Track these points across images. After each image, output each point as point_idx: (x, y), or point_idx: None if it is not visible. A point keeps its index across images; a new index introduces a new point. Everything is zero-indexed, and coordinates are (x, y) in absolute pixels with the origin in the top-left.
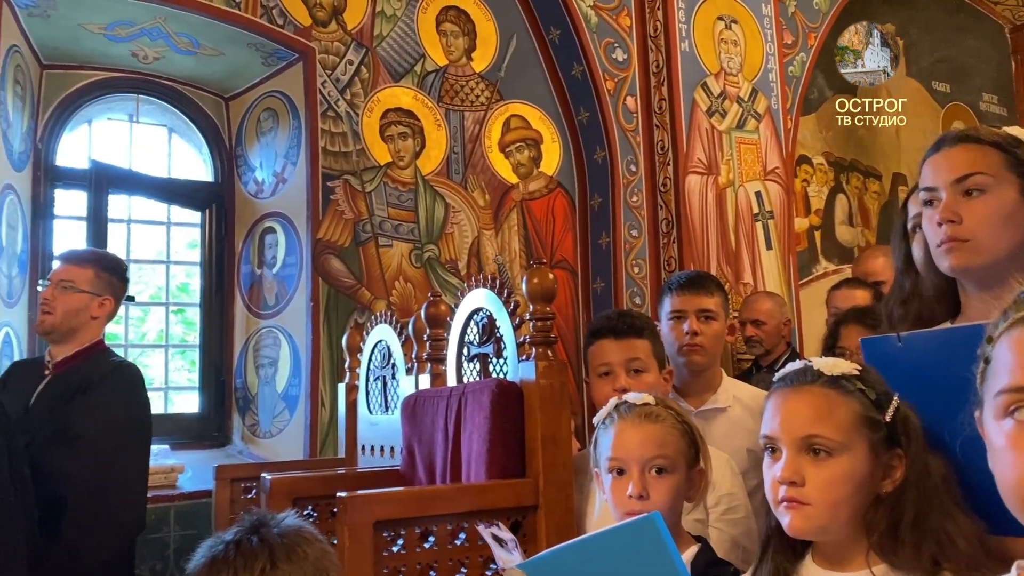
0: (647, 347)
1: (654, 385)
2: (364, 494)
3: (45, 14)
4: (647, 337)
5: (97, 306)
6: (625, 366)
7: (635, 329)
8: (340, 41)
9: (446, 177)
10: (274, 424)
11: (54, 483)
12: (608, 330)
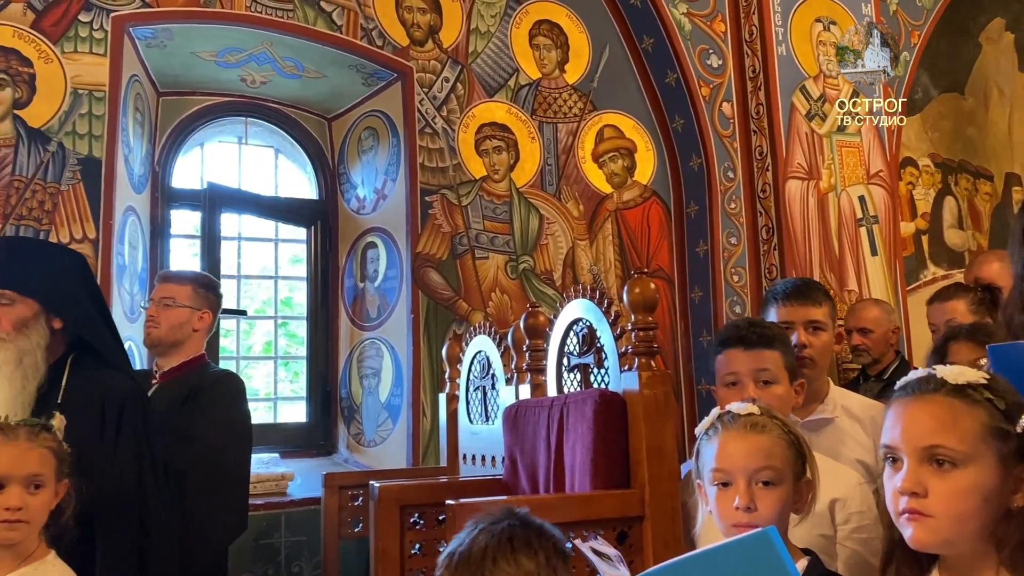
0: (777, 358)
1: (783, 397)
2: (472, 501)
3: (162, 44)
4: (778, 348)
5: (197, 319)
6: (753, 376)
7: (765, 339)
8: (436, 59)
9: (540, 189)
10: (378, 433)
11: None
12: (737, 339)
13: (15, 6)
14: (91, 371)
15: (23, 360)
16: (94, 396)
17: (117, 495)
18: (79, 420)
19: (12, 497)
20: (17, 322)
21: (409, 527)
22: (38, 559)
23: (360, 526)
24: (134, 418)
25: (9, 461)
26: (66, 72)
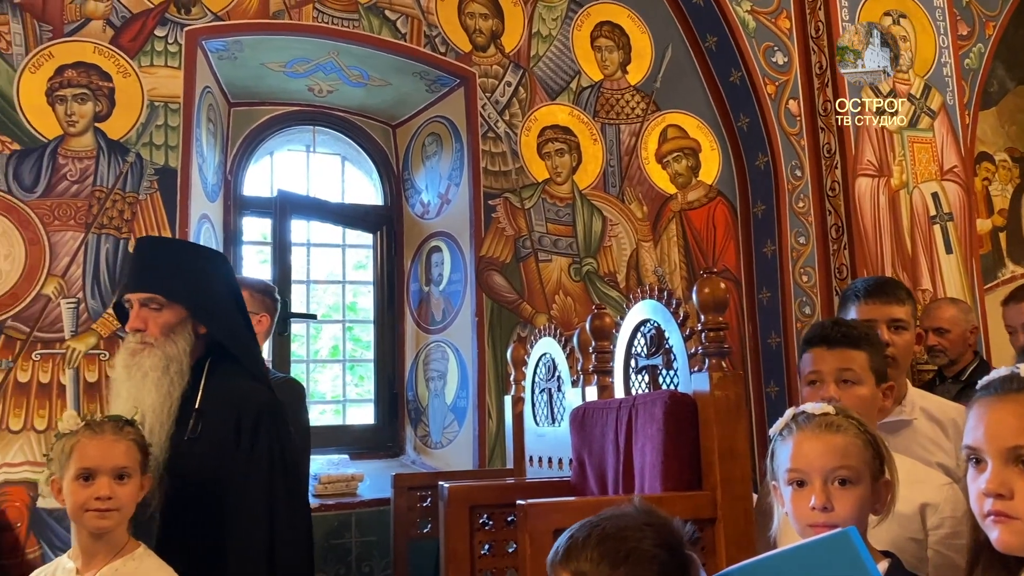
0: (863, 359)
1: (867, 399)
2: (543, 502)
3: (233, 56)
4: (864, 348)
5: (256, 323)
6: (836, 376)
7: (850, 339)
8: (499, 64)
9: (603, 190)
10: (444, 435)
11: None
12: (820, 338)
13: (95, 23)
14: (229, 378)
15: (169, 367)
16: (231, 405)
17: (250, 504)
18: (216, 427)
19: (102, 487)
20: (165, 328)
21: (478, 527)
22: (129, 552)
23: (429, 527)
24: (269, 429)
25: (97, 454)
26: (143, 85)
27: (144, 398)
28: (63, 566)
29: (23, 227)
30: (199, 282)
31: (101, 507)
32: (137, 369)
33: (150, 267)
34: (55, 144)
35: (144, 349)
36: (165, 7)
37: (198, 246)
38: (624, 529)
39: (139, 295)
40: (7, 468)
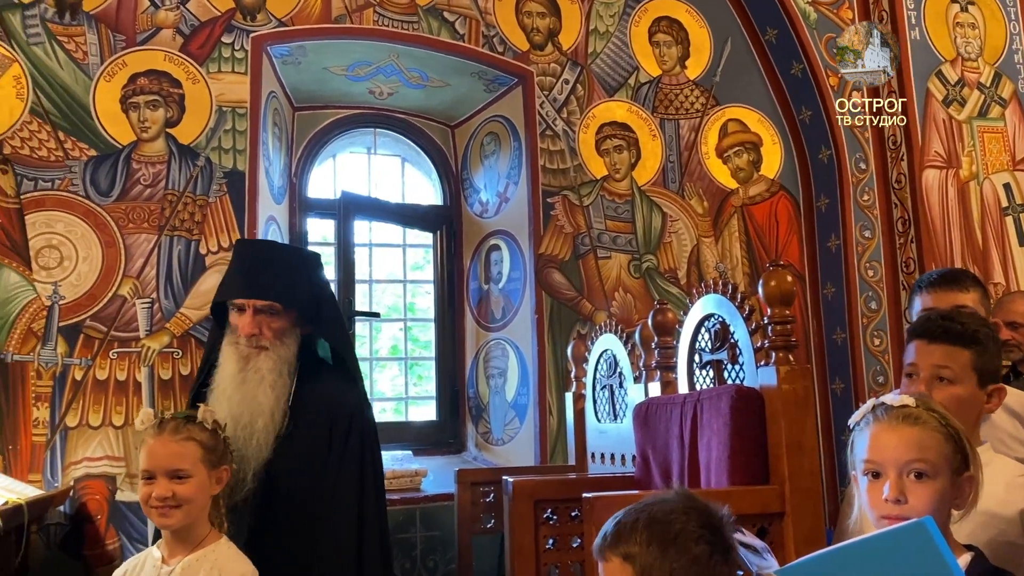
0: (965, 358)
1: (962, 399)
2: (609, 495)
3: (297, 61)
4: (970, 347)
5: None
6: (932, 372)
7: (951, 335)
8: (556, 62)
9: (662, 186)
10: (505, 432)
11: None
12: (922, 331)
13: (165, 32)
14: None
15: (283, 369)
16: (325, 407)
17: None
18: (308, 428)
19: (159, 488)
20: (278, 332)
21: (543, 522)
22: (210, 543)
23: (492, 522)
24: (361, 432)
25: (155, 456)
26: (211, 91)
27: (260, 400)
28: (152, 555)
29: (100, 230)
30: (309, 288)
31: (159, 506)
32: (254, 372)
33: (265, 273)
34: (129, 150)
35: (259, 353)
36: (232, 14)
37: (302, 250)
38: (670, 513)
39: (257, 302)
40: (87, 463)
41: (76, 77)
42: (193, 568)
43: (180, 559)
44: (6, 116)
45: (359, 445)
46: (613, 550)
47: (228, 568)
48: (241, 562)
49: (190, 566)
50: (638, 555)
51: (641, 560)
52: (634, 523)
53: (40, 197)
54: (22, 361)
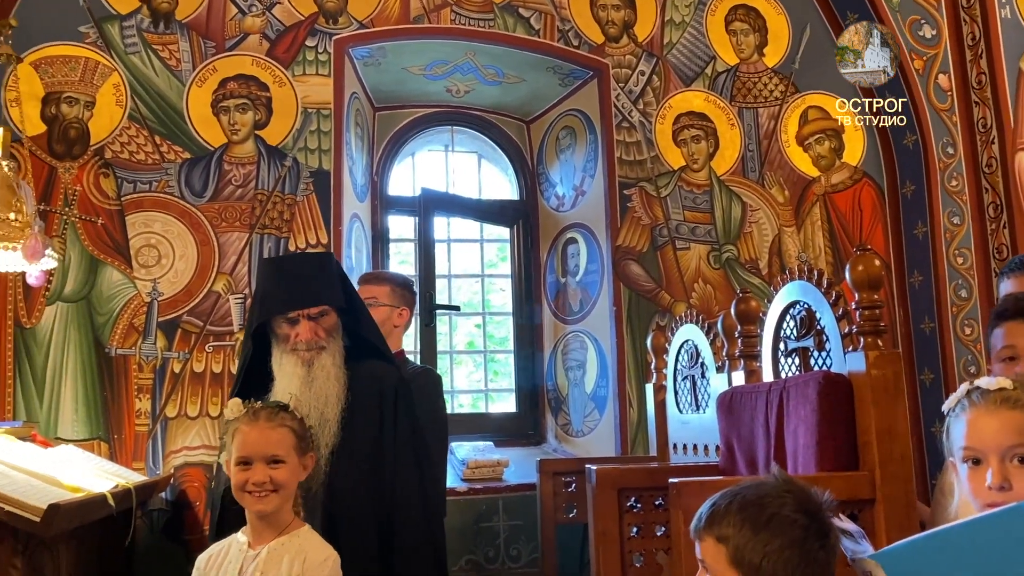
0: None
1: None
2: (696, 480)
3: (377, 62)
4: None
5: (397, 316)
6: None
7: None
8: (632, 54)
9: (742, 176)
10: (585, 423)
11: None
12: (1015, 311)
13: (252, 37)
14: (361, 360)
15: (340, 361)
16: (370, 387)
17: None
18: (360, 409)
19: (257, 473)
20: (329, 330)
21: (627, 510)
22: (294, 530)
23: (575, 512)
24: (406, 404)
25: (252, 442)
26: (297, 93)
27: (329, 392)
28: (237, 540)
29: (195, 229)
30: (340, 284)
31: (257, 491)
32: (320, 370)
33: (306, 283)
34: (220, 152)
35: (320, 353)
36: (315, 18)
37: (320, 254)
38: (765, 496)
39: (311, 310)
40: (186, 451)
41: (170, 83)
42: (278, 553)
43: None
44: (107, 122)
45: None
46: (708, 531)
47: (312, 553)
48: (323, 547)
49: (275, 551)
50: (731, 537)
51: (734, 541)
52: (728, 505)
53: (139, 199)
54: (125, 355)
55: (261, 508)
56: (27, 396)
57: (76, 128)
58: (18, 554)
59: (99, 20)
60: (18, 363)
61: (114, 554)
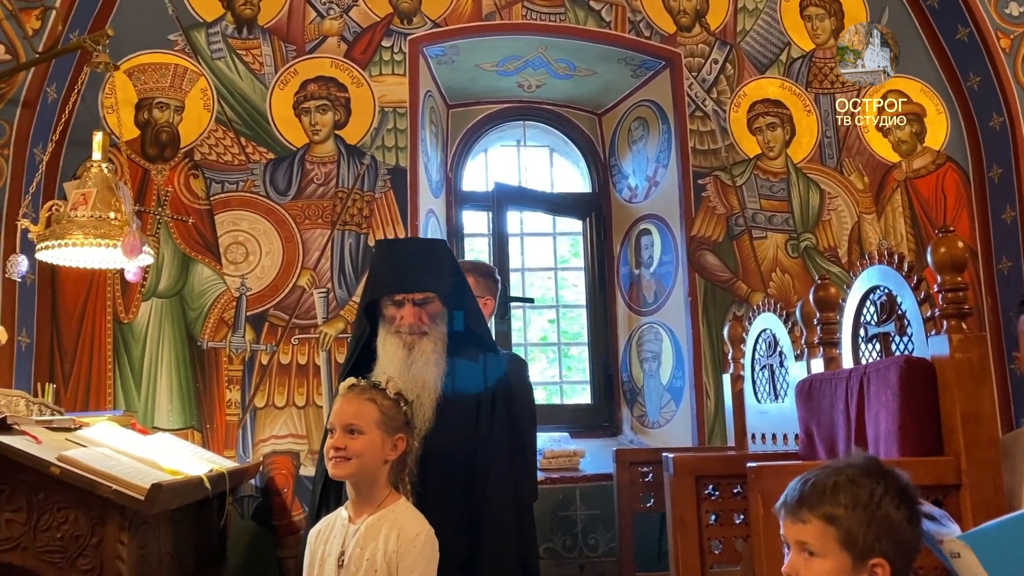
0: None
1: None
2: (775, 465)
3: (451, 61)
4: None
5: (482, 306)
6: None
7: None
8: (704, 42)
9: (819, 163)
10: (661, 415)
11: None
12: None
13: (331, 40)
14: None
15: (441, 348)
16: (472, 378)
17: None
18: (459, 397)
19: (335, 439)
20: (433, 316)
21: (704, 497)
22: (390, 504)
23: (651, 501)
24: (508, 398)
25: (336, 412)
26: (374, 93)
27: (427, 377)
28: (340, 515)
29: (280, 227)
30: (451, 274)
31: (335, 456)
32: (420, 355)
33: (417, 268)
34: (302, 151)
35: (422, 338)
36: (390, 19)
37: (435, 240)
38: (866, 476)
39: (416, 295)
40: (274, 440)
41: (254, 87)
42: (376, 526)
43: (364, 518)
44: (195, 126)
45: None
46: (813, 511)
47: (406, 526)
48: (418, 520)
49: (372, 525)
50: (843, 517)
51: (846, 523)
52: (834, 485)
53: (227, 198)
54: (216, 347)
55: (336, 473)
56: (126, 387)
57: (167, 132)
58: (125, 530)
59: (187, 28)
60: (117, 356)
61: (209, 537)
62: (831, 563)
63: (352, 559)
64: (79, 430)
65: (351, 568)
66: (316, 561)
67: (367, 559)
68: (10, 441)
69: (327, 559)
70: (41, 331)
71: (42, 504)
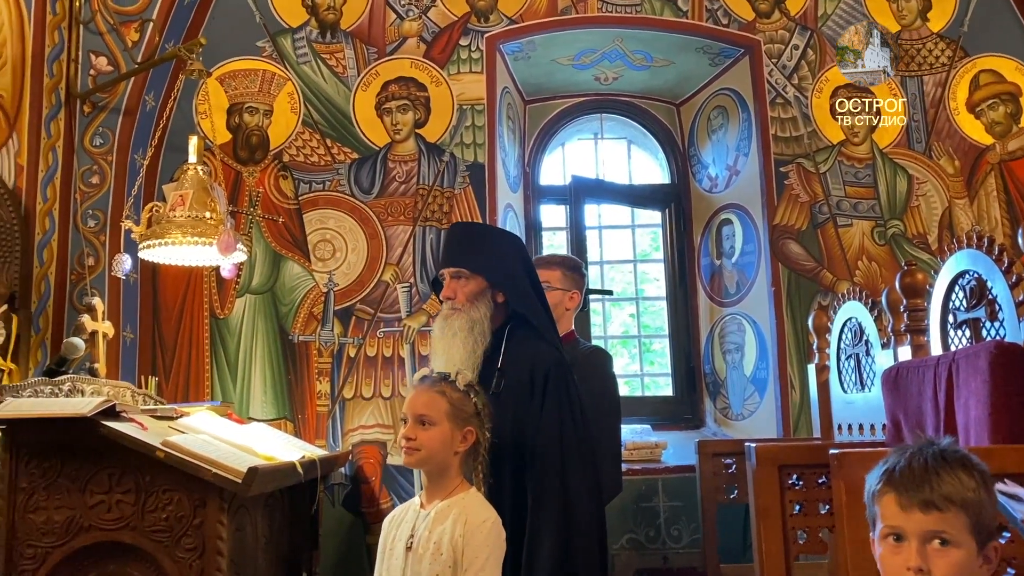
0: None
1: None
2: (859, 451)
3: (527, 56)
4: None
5: (568, 300)
6: None
7: None
8: (784, 28)
9: (907, 147)
10: (745, 407)
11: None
12: None
13: (411, 41)
14: (524, 340)
15: (474, 328)
16: (525, 363)
17: (542, 453)
18: (514, 383)
19: (407, 429)
20: (469, 295)
21: (788, 487)
22: (459, 492)
23: (735, 492)
24: (558, 386)
25: (408, 402)
26: (452, 91)
27: (454, 354)
28: (414, 502)
29: (364, 224)
30: (496, 256)
31: (405, 445)
32: (448, 330)
33: (457, 246)
34: (385, 151)
35: (454, 314)
36: (467, 18)
37: (494, 228)
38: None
39: (450, 269)
40: (362, 430)
41: (338, 89)
42: (444, 512)
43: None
44: (283, 129)
45: (556, 399)
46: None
47: (473, 513)
48: (485, 508)
49: (442, 511)
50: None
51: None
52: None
53: (314, 197)
54: (306, 341)
55: (407, 461)
56: (222, 379)
57: (257, 135)
58: (224, 512)
59: (274, 34)
60: (214, 350)
61: (301, 523)
62: (964, 552)
63: (420, 543)
64: (180, 418)
65: (418, 551)
66: (388, 545)
67: (434, 543)
68: (119, 427)
69: (397, 543)
70: (144, 326)
71: (149, 486)
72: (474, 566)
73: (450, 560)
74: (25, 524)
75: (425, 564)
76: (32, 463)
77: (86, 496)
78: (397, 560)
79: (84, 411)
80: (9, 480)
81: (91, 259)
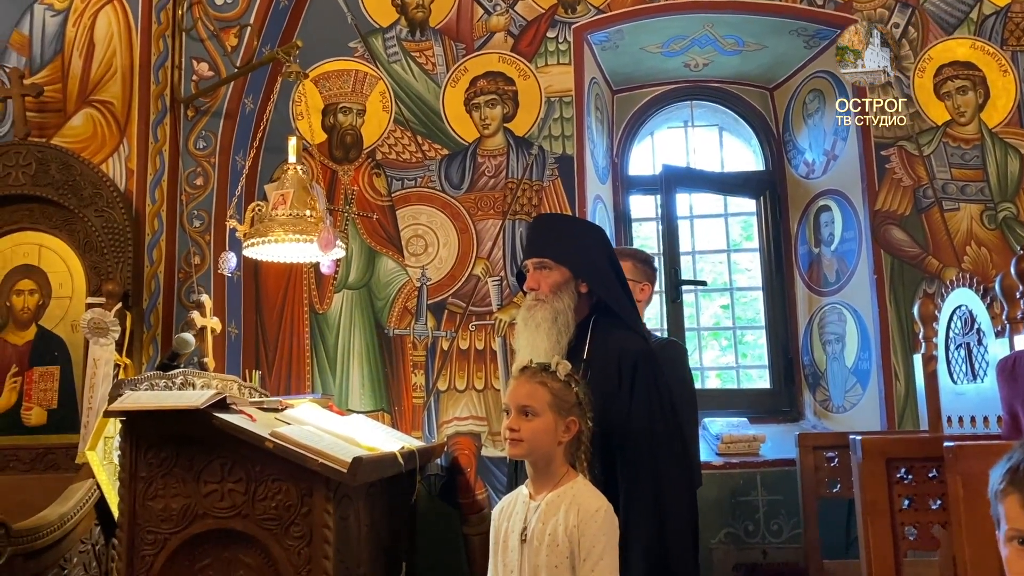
0: None
1: None
2: (975, 444)
3: (615, 46)
4: None
5: (639, 291)
6: None
7: None
8: (883, 6)
9: (1018, 126)
10: (846, 399)
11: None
12: None
13: (498, 36)
14: (610, 331)
15: (557, 318)
16: (612, 353)
17: (633, 444)
18: (601, 374)
19: (511, 421)
20: (553, 286)
21: (896, 481)
22: (568, 481)
23: (838, 487)
24: (646, 375)
25: (509, 393)
26: (540, 84)
27: (538, 345)
28: (522, 493)
29: (455, 219)
30: (580, 248)
31: (509, 436)
32: (532, 320)
33: (541, 237)
34: (474, 146)
35: (537, 304)
36: (554, 10)
37: (577, 219)
38: None
39: (533, 260)
40: (456, 421)
41: (427, 86)
42: (555, 503)
43: (544, 495)
44: (376, 127)
45: (645, 388)
46: None
47: (586, 502)
48: (597, 497)
49: (552, 502)
50: None
51: None
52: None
53: (406, 194)
54: (401, 335)
55: (511, 452)
56: (322, 372)
57: (351, 135)
58: (330, 501)
59: (365, 35)
60: (314, 344)
61: (401, 514)
62: None
63: (535, 534)
64: (286, 410)
65: (534, 543)
66: (500, 536)
67: (549, 534)
68: (230, 419)
69: (511, 535)
70: (247, 322)
71: (259, 476)
72: (592, 555)
73: (567, 550)
74: (145, 511)
75: (543, 556)
76: (150, 453)
77: (200, 485)
78: (513, 552)
79: (198, 403)
80: (130, 469)
81: (197, 258)
